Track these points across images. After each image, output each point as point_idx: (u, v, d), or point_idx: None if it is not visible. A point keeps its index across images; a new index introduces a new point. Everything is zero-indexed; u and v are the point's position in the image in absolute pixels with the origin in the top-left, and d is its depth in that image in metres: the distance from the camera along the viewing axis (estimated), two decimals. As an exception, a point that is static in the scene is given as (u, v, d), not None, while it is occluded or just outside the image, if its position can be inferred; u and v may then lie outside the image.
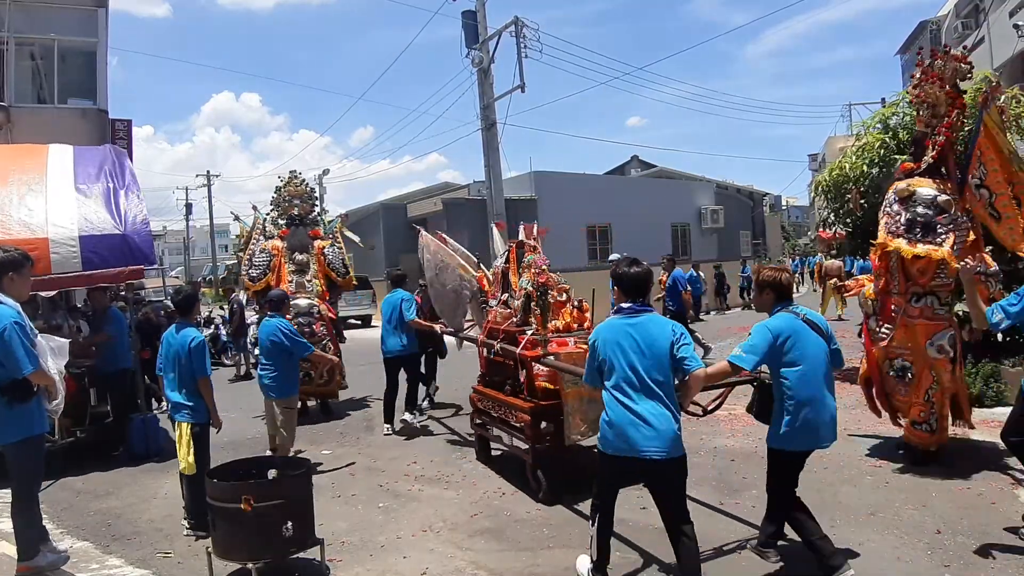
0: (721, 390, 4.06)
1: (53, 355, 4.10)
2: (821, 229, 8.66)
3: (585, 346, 4.18)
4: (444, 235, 7.60)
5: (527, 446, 5.04)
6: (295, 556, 3.84)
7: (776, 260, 25.75)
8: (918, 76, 5.38)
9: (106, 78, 13.88)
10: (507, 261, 6.12)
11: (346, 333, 11.38)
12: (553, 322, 5.49)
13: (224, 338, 13.60)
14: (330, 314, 8.59)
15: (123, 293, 7.14)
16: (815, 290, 20.63)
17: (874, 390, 5.61)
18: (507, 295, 6.05)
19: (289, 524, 3.65)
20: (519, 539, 4.25)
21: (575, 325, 5.65)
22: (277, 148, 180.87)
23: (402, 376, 7.46)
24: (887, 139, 7.74)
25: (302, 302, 8.16)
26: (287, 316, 6.29)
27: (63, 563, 4.14)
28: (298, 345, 5.68)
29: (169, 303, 9.31)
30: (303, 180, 9.11)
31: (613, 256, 11.42)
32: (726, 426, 6.64)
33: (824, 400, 3.47)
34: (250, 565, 3.68)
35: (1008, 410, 6.55)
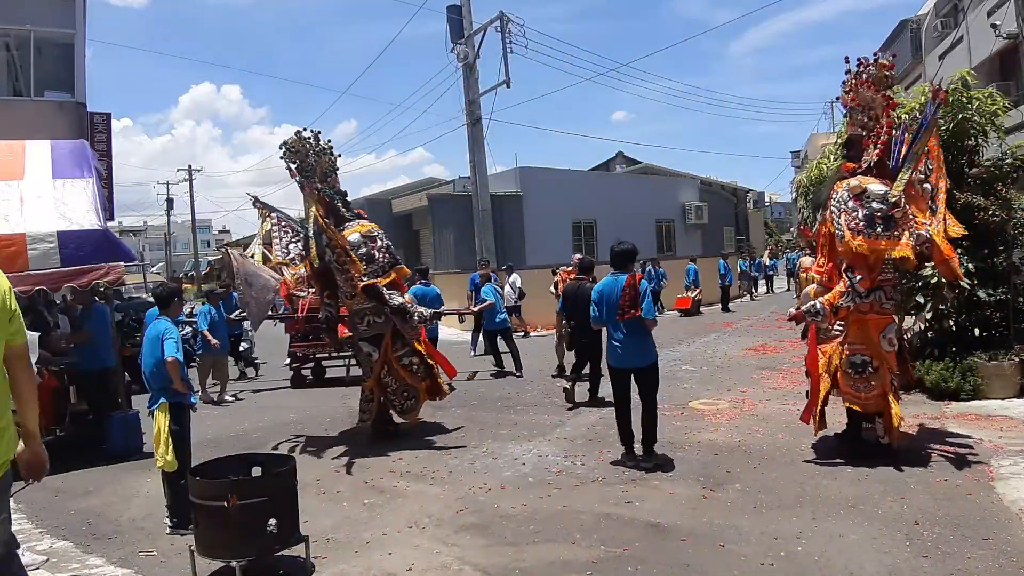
0: None
1: None
2: (803, 226, 8.75)
3: None
4: (238, 254, 8.08)
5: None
6: (279, 554, 3.83)
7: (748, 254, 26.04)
8: (849, 82, 5.54)
9: (84, 70, 13.64)
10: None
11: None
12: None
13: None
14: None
15: (103, 288, 7.01)
16: (788, 290, 20.78)
17: (811, 389, 5.51)
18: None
19: (273, 521, 3.63)
20: (505, 534, 4.26)
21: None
22: (258, 142, 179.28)
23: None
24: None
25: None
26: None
27: (40, 563, 4.09)
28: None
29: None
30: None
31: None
32: (710, 420, 6.71)
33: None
34: (234, 563, 3.65)
35: (986, 403, 6.70)
